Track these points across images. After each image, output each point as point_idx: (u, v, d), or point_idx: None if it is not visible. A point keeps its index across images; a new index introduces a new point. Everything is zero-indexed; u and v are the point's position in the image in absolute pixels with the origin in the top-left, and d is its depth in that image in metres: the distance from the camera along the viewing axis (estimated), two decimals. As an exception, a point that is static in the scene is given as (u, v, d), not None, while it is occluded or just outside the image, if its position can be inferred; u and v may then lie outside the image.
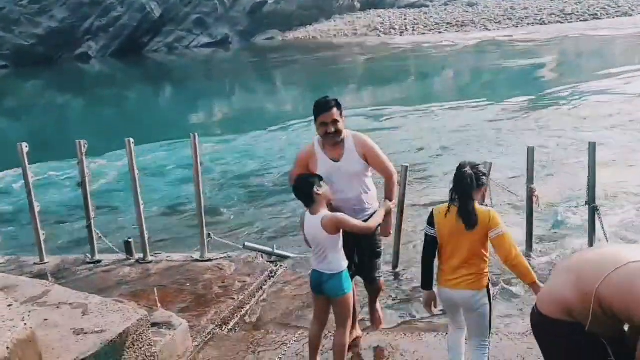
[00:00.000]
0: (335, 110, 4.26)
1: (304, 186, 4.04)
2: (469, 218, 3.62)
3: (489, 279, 3.79)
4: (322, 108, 4.26)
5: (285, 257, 7.02)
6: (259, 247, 6.96)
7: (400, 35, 41.86)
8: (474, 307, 3.72)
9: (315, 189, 4.00)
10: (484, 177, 3.74)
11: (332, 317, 4.23)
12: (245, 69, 35.33)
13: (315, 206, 4.03)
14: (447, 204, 3.73)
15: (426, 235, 3.82)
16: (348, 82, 26.19)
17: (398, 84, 24.10)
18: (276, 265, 6.69)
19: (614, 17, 40.75)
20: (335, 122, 4.25)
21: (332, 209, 4.18)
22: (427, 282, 3.91)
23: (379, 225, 4.34)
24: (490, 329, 3.87)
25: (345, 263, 4.08)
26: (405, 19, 46.72)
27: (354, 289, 4.27)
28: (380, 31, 44.13)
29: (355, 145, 4.35)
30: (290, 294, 6.10)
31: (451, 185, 3.74)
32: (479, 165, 3.79)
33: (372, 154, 4.39)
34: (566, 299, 2.83)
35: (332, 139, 4.29)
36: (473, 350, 3.87)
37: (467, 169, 3.68)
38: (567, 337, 2.87)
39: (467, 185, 3.64)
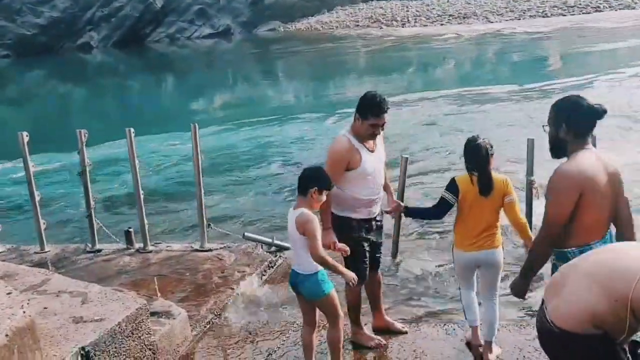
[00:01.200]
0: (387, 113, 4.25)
1: (311, 179, 3.89)
2: (488, 185, 4.03)
3: None
4: (378, 110, 4.18)
5: (284, 248, 7.03)
6: (259, 238, 6.97)
7: (403, 27, 41.71)
8: (495, 264, 4.16)
9: (314, 189, 3.85)
10: (492, 148, 4.12)
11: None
12: (247, 60, 35.27)
13: (302, 201, 3.89)
14: (466, 173, 4.10)
15: (444, 199, 4.13)
16: (350, 73, 26.14)
17: (399, 75, 24.04)
18: (275, 256, 6.70)
19: (616, 10, 40.55)
20: (384, 124, 4.27)
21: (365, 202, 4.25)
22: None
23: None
24: None
25: (317, 265, 3.89)
26: (407, 11, 46.53)
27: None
28: (382, 23, 43.98)
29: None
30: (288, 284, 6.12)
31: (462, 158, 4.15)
32: (485, 138, 4.15)
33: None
34: (594, 309, 2.63)
35: (374, 137, 4.33)
36: (487, 301, 4.25)
37: (481, 141, 4.08)
38: (597, 351, 2.68)
39: (484, 155, 4.03)
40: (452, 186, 4.12)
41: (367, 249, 4.44)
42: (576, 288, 2.73)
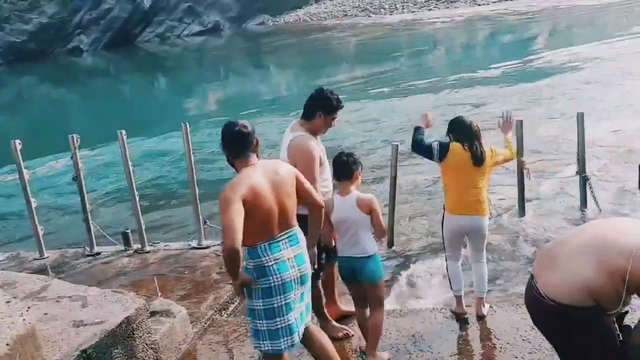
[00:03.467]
0: None
1: (354, 163, 4.08)
2: (481, 157, 4.35)
3: None
4: (340, 106, 4.33)
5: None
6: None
7: (391, 15, 41.60)
8: (480, 230, 4.47)
9: (359, 170, 4.09)
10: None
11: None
12: (238, 54, 35.19)
13: (348, 185, 4.04)
14: (456, 143, 4.40)
15: (431, 148, 4.45)
16: (341, 63, 26.10)
17: (389, 62, 23.99)
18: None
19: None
20: None
21: None
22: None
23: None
24: None
25: (376, 246, 4.09)
26: (395, -2, 46.38)
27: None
28: (370, 11, 43.84)
29: None
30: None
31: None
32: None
33: None
34: (592, 281, 2.69)
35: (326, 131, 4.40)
36: (476, 262, 4.59)
37: (465, 118, 4.55)
38: (592, 322, 2.76)
39: (475, 130, 4.41)
40: (444, 149, 4.43)
41: None
42: (572, 262, 2.78)
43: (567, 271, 2.78)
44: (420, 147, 4.55)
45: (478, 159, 4.35)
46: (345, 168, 4.05)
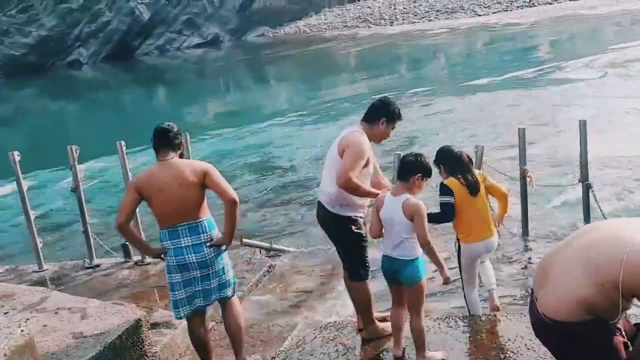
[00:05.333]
0: None
1: (414, 166, 4.02)
2: (476, 186, 4.58)
3: None
4: (401, 117, 4.47)
5: (283, 252, 7.04)
6: (257, 243, 6.97)
7: (391, 25, 41.79)
8: (494, 249, 4.82)
9: (418, 176, 4.00)
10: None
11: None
12: (238, 66, 35.29)
13: (403, 187, 4.02)
14: (451, 178, 4.59)
15: (446, 204, 4.57)
16: (341, 74, 26.15)
17: (392, 74, 24.06)
18: (275, 260, 6.71)
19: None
20: None
21: None
22: None
23: None
24: None
25: (420, 250, 4.04)
26: (394, 9, 46.63)
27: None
28: (371, 22, 44.05)
29: None
30: (289, 288, 6.13)
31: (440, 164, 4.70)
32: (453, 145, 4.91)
33: None
34: (585, 296, 2.64)
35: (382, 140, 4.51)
36: (483, 264, 4.88)
37: (453, 148, 4.73)
38: (593, 335, 2.70)
39: (467, 162, 4.64)
40: (447, 189, 4.57)
41: None
42: (562, 277, 2.73)
43: (559, 288, 2.74)
44: (448, 216, 4.64)
45: (474, 189, 4.58)
46: (405, 169, 4.06)
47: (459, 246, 4.74)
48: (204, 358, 4.27)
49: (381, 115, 4.35)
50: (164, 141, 4.09)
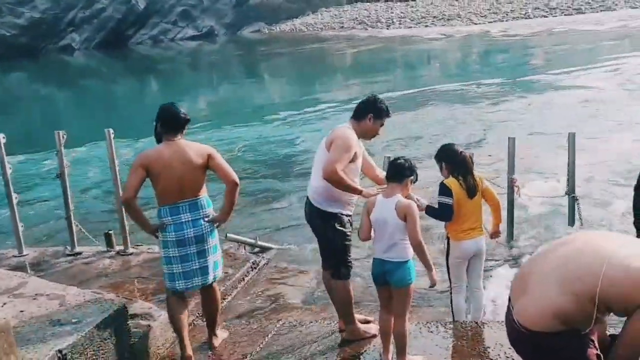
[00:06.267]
0: None
1: (408, 169, 4.09)
2: (474, 189, 4.69)
3: None
4: (389, 114, 4.49)
5: (268, 249, 7.02)
6: (242, 239, 6.93)
7: (387, 29, 41.85)
8: (483, 250, 4.84)
9: (411, 178, 4.10)
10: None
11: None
12: (232, 61, 35.18)
13: (395, 188, 4.04)
14: (451, 178, 4.68)
15: (446, 205, 4.65)
16: (336, 74, 26.18)
17: (385, 76, 24.09)
18: (259, 257, 6.68)
19: (597, 12, 41.00)
20: None
21: None
22: None
23: None
24: None
25: (411, 252, 4.06)
26: (391, 12, 46.72)
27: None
28: (367, 24, 44.10)
29: None
30: (273, 285, 6.11)
31: (443, 164, 4.78)
32: (457, 144, 4.93)
33: None
34: (561, 306, 2.66)
35: (371, 137, 4.53)
36: (476, 290, 4.88)
37: (457, 147, 4.78)
38: (566, 346, 2.71)
39: (470, 164, 4.71)
40: (447, 190, 4.65)
41: None
42: (539, 287, 2.74)
43: (535, 297, 2.74)
44: (448, 215, 4.70)
45: (472, 192, 4.69)
46: (399, 171, 4.09)
47: (448, 245, 4.79)
48: (182, 333, 4.42)
49: (368, 111, 4.39)
50: (175, 122, 4.34)
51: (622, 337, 2.71)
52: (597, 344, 2.80)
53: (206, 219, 4.34)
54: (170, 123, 4.34)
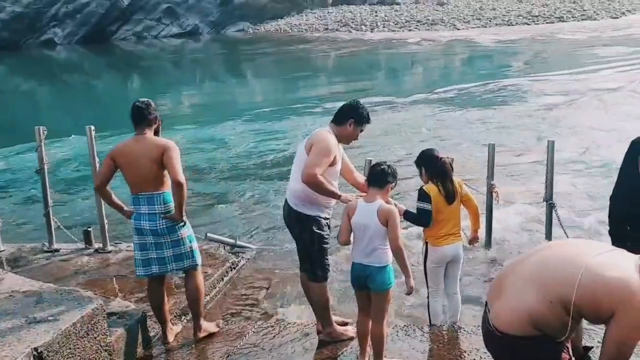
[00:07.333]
0: None
1: (390, 175, 4.15)
2: (453, 195, 4.71)
3: None
4: (369, 121, 4.52)
5: (247, 249, 7.02)
6: (221, 239, 6.92)
7: (372, 32, 41.96)
8: (460, 255, 4.85)
9: (393, 184, 4.18)
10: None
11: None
12: (216, 60, 35.02)
13: (376, 193, 4.08)
14: (431, 184, 4.71)
15: (424, 211, 4.65)
16: (320, 76, 26.17)
17: (369, 79, 24.16)
18: (238, 257, 6.67)
19: (579, 20, 41.52)
20: None
21: None
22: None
23: None
24: None
25: (391, 257, 4.09)
26: (376, 16, 46.85)
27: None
28: (352, 27, 44.18)
29: None
30: (251, 286, 6.11)
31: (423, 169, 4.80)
32: (435, 149, 4.93)
33: None
34: (536, 312, 2.69)
35: (350, 142, 4.56)
36: (454, 294, 4.89)
37: (437, 153, 4.80)
38: (540, 352, 2.75)
39: (449, 170, 4.72)
40: (426, 196, 4.65)
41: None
42: (516, 292, 2.77)
43: (512, 301, 2.77)
44: (426, 221, 4.71)
45: (451, 198, 4.71)
46: (381, 176, 4.13)
47: (427, 250, 4.79)
48: (160, 317, 4.76)
49: (350, 116, 4.40)
50: (139, 118, 4.55)
51: (604, 347, 2.76)
52: (571, 352, 2.84)
53: (162, 216, 4.51)
54: (134, 118, 4.56)
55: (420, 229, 4.94)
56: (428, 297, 4.91)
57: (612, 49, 26.95)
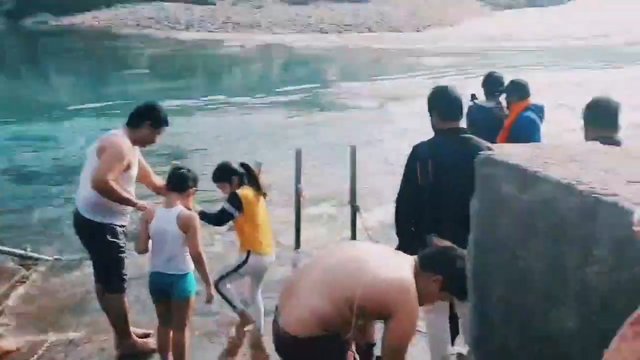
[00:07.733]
0: None
1: (190, 179, 4.03)
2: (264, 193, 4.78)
3: None
4: (167, 123, 4.36)
5: (40, 260, 6.42)
6: (7, 249, 6.26)
7: (187, 31, 41.15)
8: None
9: (194, 188, 4.07)
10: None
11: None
12: (10, 54, 31.88)
13: (176, 198, 3.91)
14: (245, 188, 4.62)
15: (230, 215, 4.52)
16: (129, 75, 24.97)
17: (183, 81, 23.61)
18: (29, 269, 6.08)
19: (387, 31, 44.49)
20: None
21: None
22: None
23: None
24: None
25: (192, 265, 3.94)
26: (192, 15, 46.01)
27: None
28: (166, 24, 42.97)
29: None
30: (44, 301, 5.58)
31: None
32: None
33: None
34: (323, 313, 2.78)
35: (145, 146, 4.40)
36: (258, 298, 4.79)
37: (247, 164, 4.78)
38: (327, 351, 2.83)
39: (255, 173, 4.80)
40: (235, 200, 4.51)
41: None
42: (304, 295, 2.86)
43: (300, 304, 2.85)
44: (222, 222, 4.72)
45: (264, 194, 4.81)
46: (181, 181, 3.99)
47: (247, 257, 4.60)
48: None
49: (146, 119, 4.25)
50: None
51: (383, 350, 2.94)
52: (354, 349, 2.98)
53: None
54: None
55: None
56: (255, 299, 4.85)
57: (420, 59, 29.00)
